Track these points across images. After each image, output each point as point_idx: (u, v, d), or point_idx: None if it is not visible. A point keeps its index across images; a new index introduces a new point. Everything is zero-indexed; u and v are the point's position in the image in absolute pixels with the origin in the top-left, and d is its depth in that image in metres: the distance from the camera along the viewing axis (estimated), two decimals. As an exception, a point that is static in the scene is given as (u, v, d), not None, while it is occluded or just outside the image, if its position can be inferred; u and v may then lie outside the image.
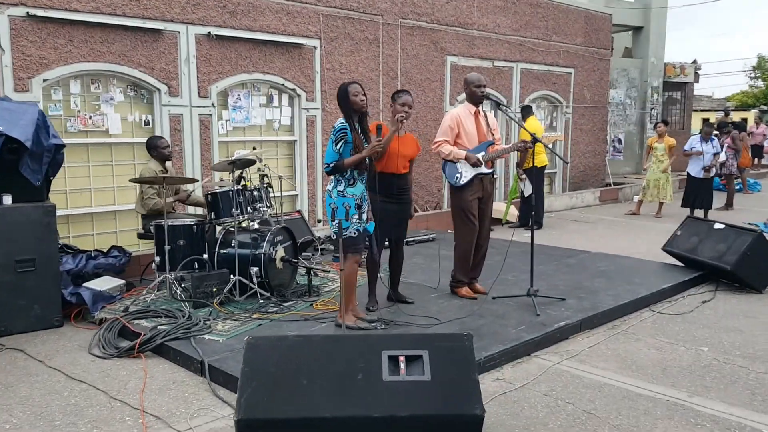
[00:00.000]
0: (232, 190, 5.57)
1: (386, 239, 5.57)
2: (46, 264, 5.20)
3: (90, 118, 7.05)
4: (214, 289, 5.42)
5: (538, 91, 12.57)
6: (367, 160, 4.92)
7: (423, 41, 10.34)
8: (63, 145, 5.35)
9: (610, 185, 14.39)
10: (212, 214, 5.70)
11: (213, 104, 7.92)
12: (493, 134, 5.83)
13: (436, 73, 10.60)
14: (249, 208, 5.72)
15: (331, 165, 4.75)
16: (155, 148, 6.25)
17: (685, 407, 3.86)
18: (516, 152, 10.11)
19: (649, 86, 16.77)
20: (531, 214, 10.36)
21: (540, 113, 12.83)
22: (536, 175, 10.09)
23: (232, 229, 5.74)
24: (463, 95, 5.88)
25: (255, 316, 5.21)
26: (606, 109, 14.42)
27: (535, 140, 5.57)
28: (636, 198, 12.12)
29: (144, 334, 4.71)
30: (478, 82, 5.69)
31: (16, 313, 5.10)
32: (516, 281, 6.30)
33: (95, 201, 7.17)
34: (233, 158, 5.58)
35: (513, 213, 10.53)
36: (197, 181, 6.50)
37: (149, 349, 4.64)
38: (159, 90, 7.45)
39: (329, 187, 4.91)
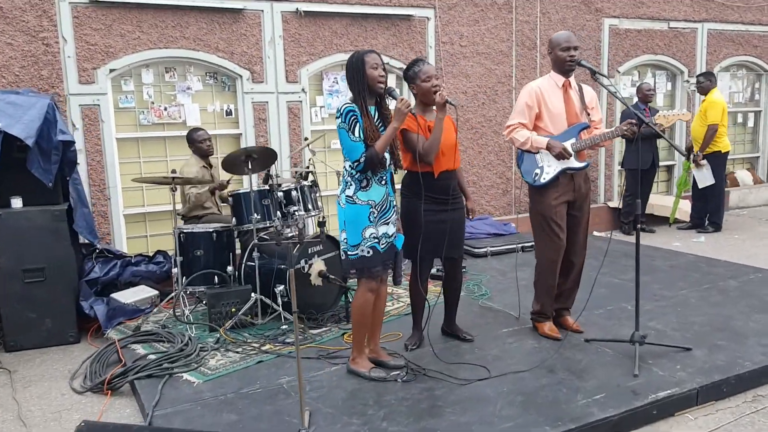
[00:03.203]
0: (252, 191, 4.64)
1: (434, 259, 4.31)
2: (58, 273, 4.72)
3: (165, 109, 6.56)
4: (233, 309, 4.57)
5: (733, 57, 10.06)
6: (387, 153, 3.71)
7: (571, 2, 8.58)
8: (72, 142, 4.79)
9: (839, 172, 11.31)
10: (234, 219, 4.82)
11: (303, 90, 7.07)
12: (589, 114, 4.25)
13: (589, 41, 8.77)
14: (279, 212, 4.76)
15: (363, 159, 3.57)
16: (192, 143, 5.53)
17: None
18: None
19: None
20: (705, 212, 8.40)
21: (736, 84, 10.31)
22: (716, 162, 7.99)
23: (266, 237, 4.84)
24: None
25: (267, 347, 4.26)
26: (833, 76, 11.29)
27: (641, 121, 3.91)
28: None
29: (122, 366, 3.99)
30: (566, 44, 4.16)
31: (26, 327, 4.68)
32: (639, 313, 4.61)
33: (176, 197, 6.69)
34: (247, 147, 4.64)
35: (685, 210, 8.43)
36: (207, 183, 5.53)
37: (121, 385, 3.90)
38: (240, 76, 6.76)
39: (338, 191, 3.78)
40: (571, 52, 4.15)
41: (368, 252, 3.67)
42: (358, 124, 3.54)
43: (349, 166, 3.63)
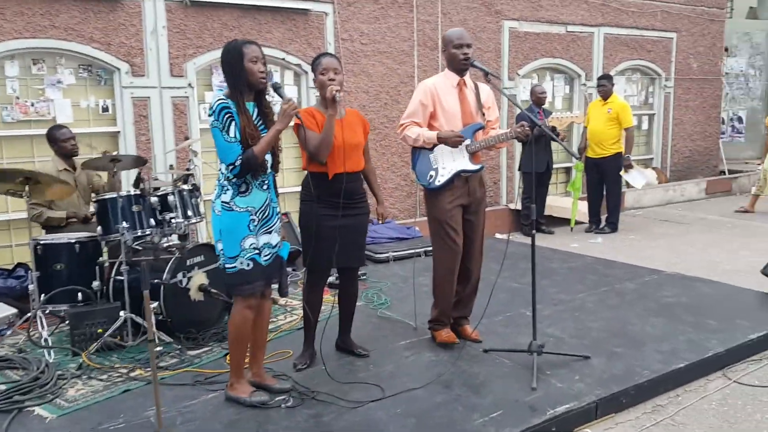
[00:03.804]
0: (120, 196, 4.16)
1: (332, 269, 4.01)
2: None
3: (32, 105, 5.91)
4: (99, 330, 4.07)
5: (628, 61, 10.29)
6: (269, 155, 3.36)
7: (471, 3, 8.47)
8: None
9: (724, 173, 11.83)
10: (100, 228, 4.30)
11: (190, 84, 6.58)
12: (484, 114, 4.06)
13: (489, 43, 8.70)
14: (152, 219, 4.29)
15: (238, 162, 3.20)
16: (54, 142, 4.96)
17: None
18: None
19: (779, 53, 13.77)
20: (598, 213, 8.49)
21: (631, 87, 10.56)
22: (616, 164, 8.07)
23: (139, 248, 4.37)
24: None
25: (137, 372, 3.81)
26: (720, 82, 11.79)
27: (533, 124, 3.75)
28: (753, 190, 9.63)
29: (-36, 400, 3.44)
30: (458, 41, 3.94)
31: None
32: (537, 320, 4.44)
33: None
34: (114, 154, 4.17)
35: (584, 211, 8.48)
36: (66, 183, 4.77)
37: (-39, 423, 3.35)
38: (118, 69, 6.20)
39: (213, 197, 3.39)
40: (464, 50, 3.93)
41: (248, 264, 3.30)
42: (233, 123, 3.17)
43: (225, 168, 3.26)
